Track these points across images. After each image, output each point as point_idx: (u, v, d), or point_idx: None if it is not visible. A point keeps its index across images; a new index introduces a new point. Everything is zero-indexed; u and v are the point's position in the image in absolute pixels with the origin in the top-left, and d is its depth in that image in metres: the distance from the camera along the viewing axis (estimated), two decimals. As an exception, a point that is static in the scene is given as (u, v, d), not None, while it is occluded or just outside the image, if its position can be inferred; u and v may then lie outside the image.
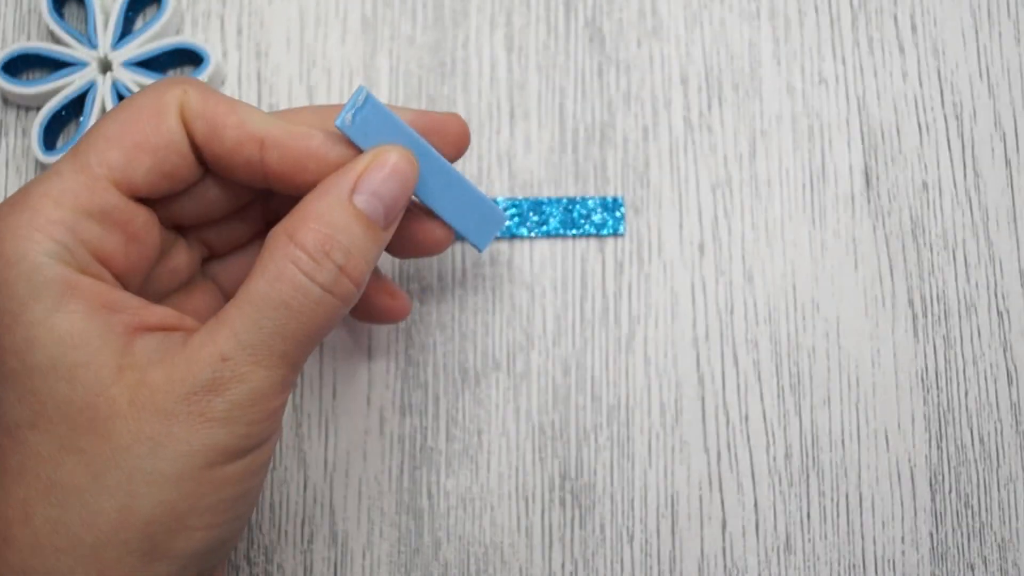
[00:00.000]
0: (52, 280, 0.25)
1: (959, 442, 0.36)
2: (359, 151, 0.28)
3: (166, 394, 0.25)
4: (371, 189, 0.27)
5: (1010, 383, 0.36)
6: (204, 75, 0.36)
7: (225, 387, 0.25)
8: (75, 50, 0.37)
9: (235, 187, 0.30)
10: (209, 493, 0.26)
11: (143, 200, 0.28)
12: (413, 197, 0.29)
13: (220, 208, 0.30)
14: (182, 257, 0.30)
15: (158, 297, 0.30)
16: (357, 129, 0.28)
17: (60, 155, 0.36)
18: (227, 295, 0.32)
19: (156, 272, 0.29)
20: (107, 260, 0.27)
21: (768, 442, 0.36)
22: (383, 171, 0.27)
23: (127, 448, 0.25)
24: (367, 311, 0.34)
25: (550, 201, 0.36)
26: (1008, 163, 0.38)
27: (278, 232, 0.27)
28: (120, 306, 0.26)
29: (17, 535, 0.25)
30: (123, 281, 0.28)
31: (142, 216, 0.27)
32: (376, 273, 0.33)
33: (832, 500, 0.35)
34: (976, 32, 0.38)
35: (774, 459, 0.36)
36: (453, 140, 0.31)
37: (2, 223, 0.26)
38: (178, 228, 0.30)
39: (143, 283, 0.29)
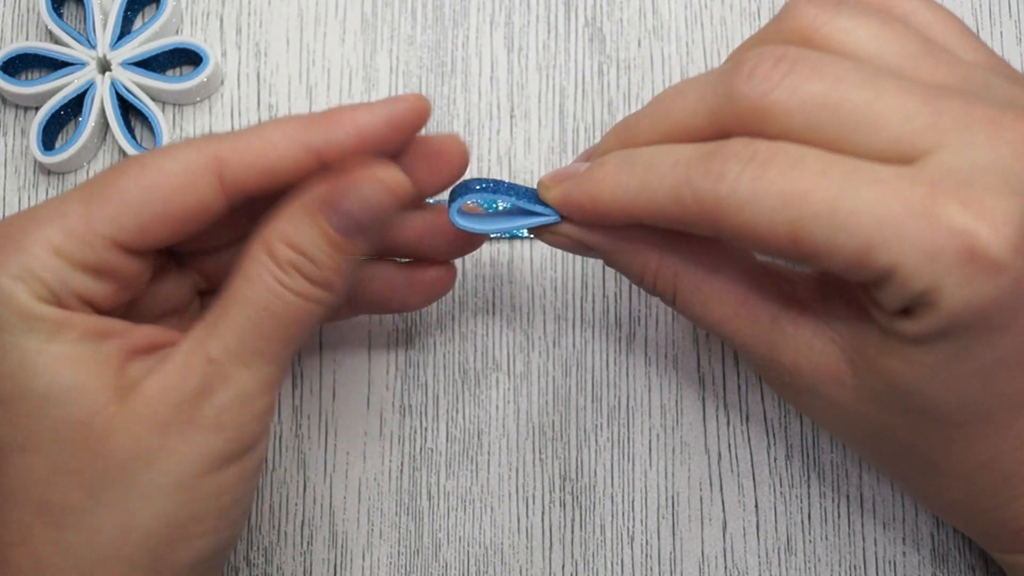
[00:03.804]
0: (44, 316, 0.25)
1: (960, 443, 0.36)
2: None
3: (160, 404, 0.25)
4: (343, 209, 0.26)
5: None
6: (203, 75, 0.36)
7: (212, 391, 0.25)
8: (74, 50, 0.37)
9: (241, 215, 0.29)
10: (205, 501, 0.26)
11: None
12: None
13: (223, 237, 0.30)
14: (172, 283, 0.30)
15: (147, 319, 0.29)
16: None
17: (59, 155, 0.36)
18: None
19: (143, 297, 0.29)
20: (93, 303, 0.26)
21: (769, 443, 0.36)
22: (359, 193, 0.26)
23: (123, 464, 0.25)
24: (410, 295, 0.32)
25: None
26: (1009, 163, 0.37)
27: (255, 239, 0.26)
28: (109, 332, 0.26)
29: (16, 557, 0.25)
30: (106, 314, 0.27)
31: (137, 265, 0.27)
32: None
33: (833, 501, 0.35)
34: (977, 31, 0.38)
35: (775, 460, 0.35)
36: (450, 165, 0.30)
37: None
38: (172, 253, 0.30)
39: (127, 311, 0.28)
